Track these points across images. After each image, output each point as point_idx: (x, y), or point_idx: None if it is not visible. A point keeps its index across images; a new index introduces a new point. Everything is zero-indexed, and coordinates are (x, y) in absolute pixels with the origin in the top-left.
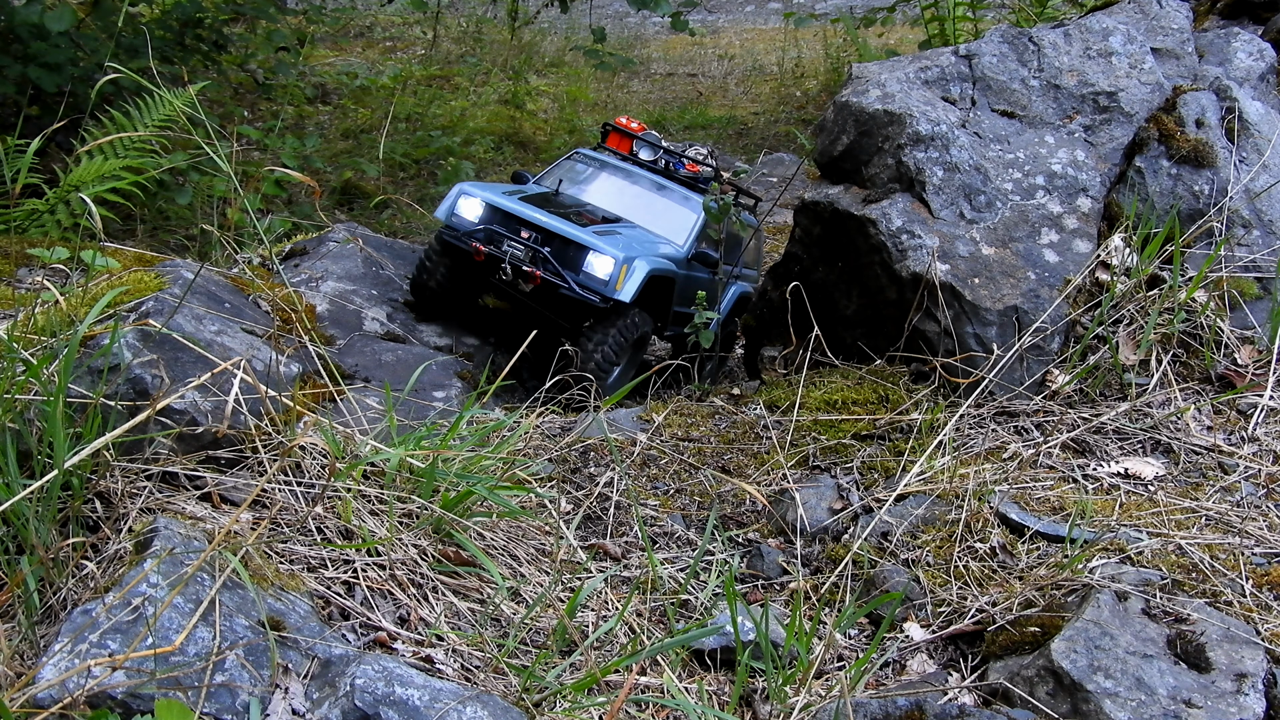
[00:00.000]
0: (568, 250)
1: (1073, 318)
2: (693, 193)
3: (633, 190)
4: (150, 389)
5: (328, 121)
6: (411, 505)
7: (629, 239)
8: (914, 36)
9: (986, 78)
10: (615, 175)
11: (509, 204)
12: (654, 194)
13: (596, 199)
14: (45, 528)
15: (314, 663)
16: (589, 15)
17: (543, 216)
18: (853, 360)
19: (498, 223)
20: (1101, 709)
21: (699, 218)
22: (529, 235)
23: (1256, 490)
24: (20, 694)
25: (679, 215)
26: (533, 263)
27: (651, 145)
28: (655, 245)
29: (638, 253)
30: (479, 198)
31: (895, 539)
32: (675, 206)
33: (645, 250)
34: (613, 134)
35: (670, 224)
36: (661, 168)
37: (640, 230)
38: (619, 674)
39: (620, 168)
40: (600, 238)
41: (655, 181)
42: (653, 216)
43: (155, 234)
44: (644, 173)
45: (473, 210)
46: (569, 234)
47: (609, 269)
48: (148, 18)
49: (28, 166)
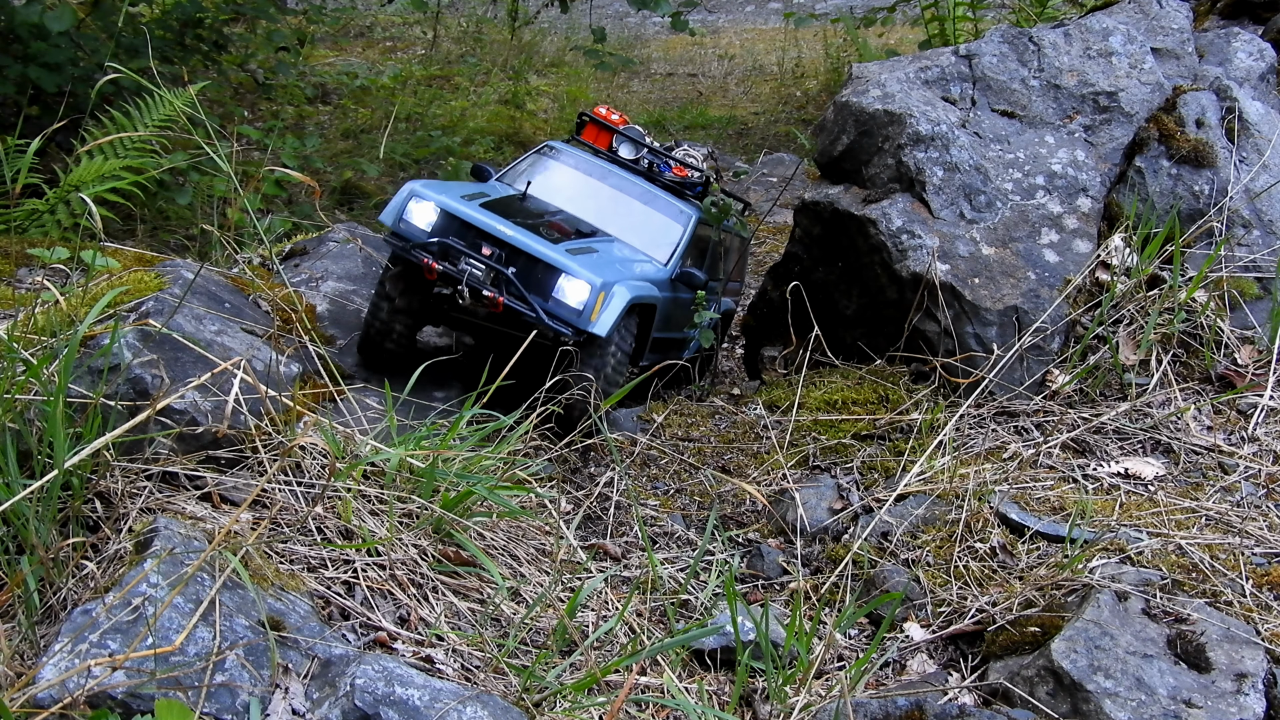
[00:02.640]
0: (535, 270)
1: (1073, 318)
2: (679, 200)
3: (611, 195)
4: (150, 389)
5: (328, 121)
6: (411, 505)
7: (606, 258)
8: (914, 36)
9: (986, 78)
10: (592, 176)
11: (468, 212)
12: (636, 201)
13: (570, 204)
14: (45, 528)
15: (314, 663)
16: (589, 15)
17: (507, 229)
18: (853, 360)
19: (454, 233)
20: (1101, 709)
21: (685, 231)
22: (491, 252)
23: (1256, 490)
24: (20, 694)
25: (663, 227)
26: (494, 284)
27: (634, 142)
28: (635, 264)
29: (617, 276)
30: (432, 201)
31: (895, 539)
32: (659, 217)
33: (625, 272)
34: (589, 125)
35: (653, 237)
36: (645, 169)
37: (618, 244)
38: (619, 674)
39: (598, 166)
40: (574, 257)
41: (638, 186)
42: (633, 228)
43: (155, 234)
44: (625, 174)
45: (425, 216)
46: (537, 252)
47: (583, 296)
48: (148, 18)
49: (28, 166)
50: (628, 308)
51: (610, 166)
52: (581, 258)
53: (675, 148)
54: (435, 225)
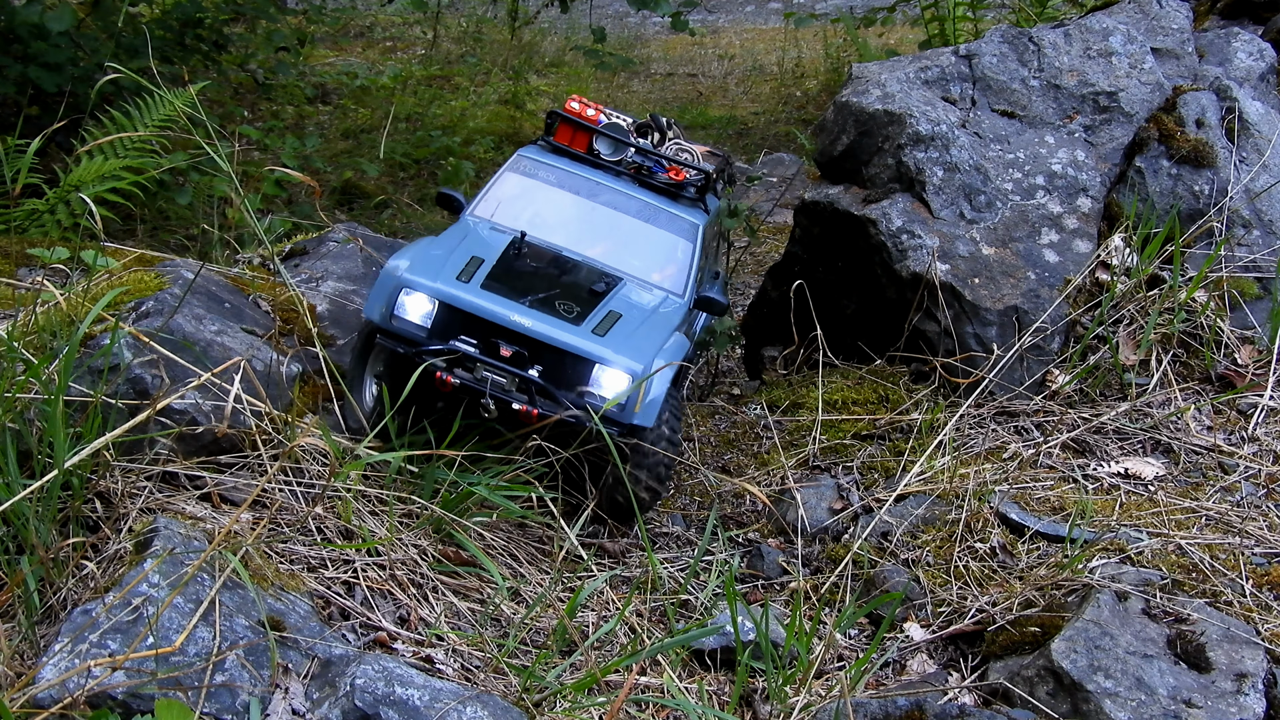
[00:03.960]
0: (564, 364)
1: (1073, 318)
2: (680, 207)
3: (608, 218)
4: (150, 389)
5: (328, 121)
6: (412, 505)
7: (631, 323)
8: (914, 36)
9: (986, 78)
10: (581, 194)
11: (475, 302)
12: (636, 219)
13: (566, 237)
14: (45, 528)
15: (314, 663)
16: (589, 15)
17: (525, 318)
18: (853, 360)
19: (459, 327)
20: (1101, 709)
21: (695, 248)
22: (511, 352)
23: (1256, 490)
24: (20, 694)
25: (670, 249)
26: (521, 390)
27: (617, 141)
28: (659, 314)
29: (652, 346)
30: (426, 293)
31: (895, 539)
32: (664, 236)
33: (654, 333)
34: (563, 126)
35: (665, 264)
36: (635, 170)
37: (632, 286)
38: (619, 674)
39: (584, 181)
40: (604, 340)
41: (634, 199)
42: (639, 255)
43: (155, 234)
44: (616, 184)
45: (420, 309)
46: (566, 344)
47: (623, 386)
48: (148, 18)
49: (28, 166)
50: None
51: (598, 177)
52: (612, 337)
53: (670, 144)
54: (435, 319)
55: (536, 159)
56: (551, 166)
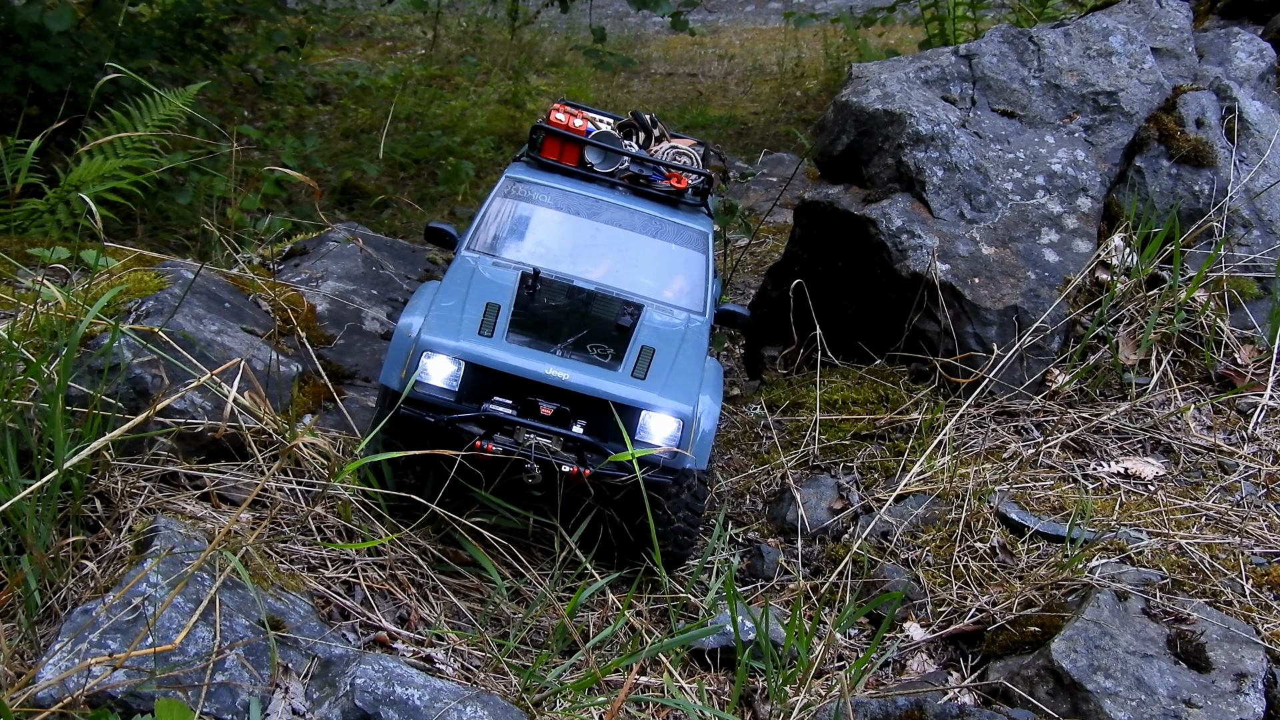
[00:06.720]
0: (608, 416)
1: (1073, 317)
2: (684, 215)
3: (617, 239)
4: (150, 389)
5: (328, 121)
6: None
7: (666, 358)
8: (914, 36)
9: (986, 77)
10: (582, 215)
11: (508, 361)
12: (644, 236)
13: (577, 266)
14: (45, 528)
15: (314, 662)
16: (589, 15)
17: (564, 371)
18: (853, 360)
19: (490, 388)
20: (1101, 709)
21: (708, 259)
22: (552, 411)
23: (1256, 490)
24: (20, 693)
25: (684, 263)
26: (568, 450)
27: (609, 150)
28: (687, 339)
29: (694, 382)
30: (449, 354)
31: (895, 539)
32: (677, 250)
33: (691, 365)
34: (549, 140)
35: (680, 281)
36: (632, 179)
37: (655, 311)
38: (619, 674)
39: (584, 200)
40: (646, 385)
41: (638, 214)
42: (656, 275)
43: (155, 234)
44: (618, 200)
45: (443, 371)
46: (612, 395)
47: (670, 431)
48: (148, 18)
49: (28, 166)
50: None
51: (595, 193)
52: (654, 379)
53: (666, 145)
54: (462, 381)
55: (527, 179)
56: (544, 186)
